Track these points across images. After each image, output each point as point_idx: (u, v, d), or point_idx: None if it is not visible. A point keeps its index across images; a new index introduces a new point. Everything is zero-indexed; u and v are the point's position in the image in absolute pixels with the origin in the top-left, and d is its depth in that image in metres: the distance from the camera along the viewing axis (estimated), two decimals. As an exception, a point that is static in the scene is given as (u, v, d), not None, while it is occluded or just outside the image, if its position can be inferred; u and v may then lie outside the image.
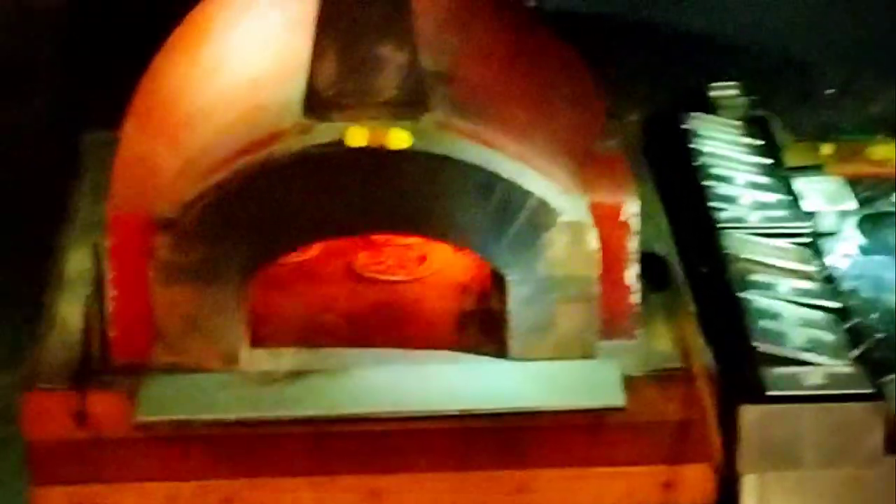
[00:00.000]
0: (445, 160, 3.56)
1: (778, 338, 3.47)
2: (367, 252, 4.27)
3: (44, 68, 5.79)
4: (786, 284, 3.82)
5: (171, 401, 3.39)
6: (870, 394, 3.22)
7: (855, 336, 3.60)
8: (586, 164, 3.91)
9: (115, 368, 3.47)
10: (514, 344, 3.67)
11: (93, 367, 3.43)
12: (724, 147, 4.85)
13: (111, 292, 3.55)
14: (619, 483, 3.32)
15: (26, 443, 3.40)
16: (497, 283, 3.74)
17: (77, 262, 4.03)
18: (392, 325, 3.96)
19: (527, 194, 3.59)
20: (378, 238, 4.20)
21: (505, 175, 3.56)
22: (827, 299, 3.75)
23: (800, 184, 4.56)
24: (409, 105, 3.60)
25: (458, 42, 4.04)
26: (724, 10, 5.39)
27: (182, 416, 3.37)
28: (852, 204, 4.47)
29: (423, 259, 4.22)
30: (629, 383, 3.54)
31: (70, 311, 3.76)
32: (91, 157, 4.59)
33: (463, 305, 4.02)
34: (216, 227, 3.63)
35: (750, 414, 3.42)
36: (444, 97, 3.71)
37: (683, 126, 4.97)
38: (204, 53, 4.30)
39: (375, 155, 3.56)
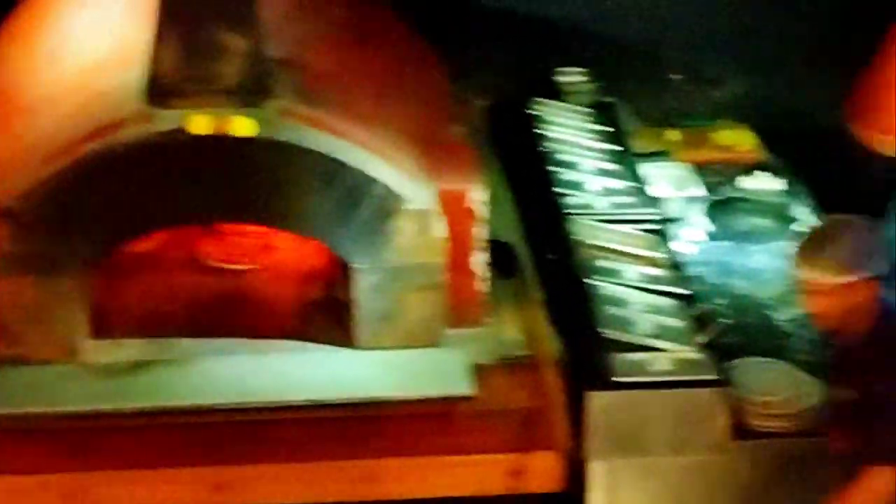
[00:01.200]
0: (289, 148, 3.57)
1: (624, 324, 3.47)
2: (211, 241, 4.23)
3: None
4: (633, 271, 3.81)
5: (10, 394, 3.33)
6: (716, 380, 3.25)
7: (701, 322, 3.64)
8: (433, 151, 3.91)
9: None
10: (360, 333, 3.68)
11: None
12: (571, 133, 4.85)
13: (-51, 284, 3.35)
14: (467, 471, 3.31)
15: None
16: (343, 271, 3.73)
17: None
18: (237, 315, 3.94)
19: (372, 182, 3.61)
20: (222, 227, 4.17)
21: (350, 163, 3.57)
22: (673, 286, 3.76)
23: (647, 170, 4.61)
24: (253, 92, 3.59)
25: (304, 30, 4.03)
26: (571, -3, 5.41)
27: (21, 410, 3.30)
28: (699, 190, 4.54)
29: (268, 248, 4.19)
30: (477, 371, 3.57)
31: None
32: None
33: (309, 295, 4.01)
34: (56, 216, 3.58)
35: (596, 400, 3.41)
36: (288, 84, 3.71)
37: (530, 112, 4.98)
38: (41, 40, 4.22)
39: (219, 143, 3.55)
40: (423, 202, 3.69)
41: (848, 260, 2.92)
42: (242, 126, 3.49)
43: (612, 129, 4.96)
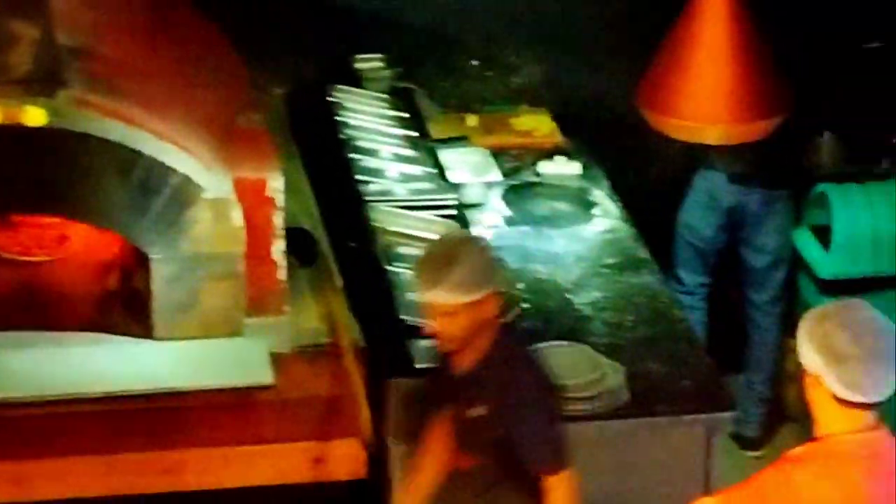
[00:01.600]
0: (83, 138, 3.53)
1: (425, 311, 3.38)
2: (6, 233, 4.14)
3: None
4: (433, 257, 3.72)
5: None
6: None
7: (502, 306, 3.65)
8: (230, 140, 3.93)
9: None
10: (158, 323, 3.68)
11: None
12: (369, 120, 4.92)
13: None
14: (268, 460, 3.34)
15: None
16: (140, 262, 3.71)
17: None
18: (34, 308, 3.88)
19: (169, 171, 3.60)
20: (17, 218, 4.08)
21: (146, 152, 3.56)
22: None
23: (445, 155, 4.67)
24: (44, 82, 3.53)
25: (97, 18, 3.97)
26: (368, -17, 5.37)
27: None
28: (497, 175, 4.61)
29: (63, 238, 4.14)
30: (277, 360, 3.61)
31: None
32: None
33: (106, 286, 3.98)
34: None
35: (397, 387, 3.48)
36: (81, 74, 3.66)
37: (329, 99, 5.01)
38: None
39: (10, 133, 3.49)
40: (219, 191, 3.68)
41: (468, 278, 2.97)
42: (34, 116, 3.42)
43: (410, 115, 5.02)
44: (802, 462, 2.56)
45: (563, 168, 4.70)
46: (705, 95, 3.37)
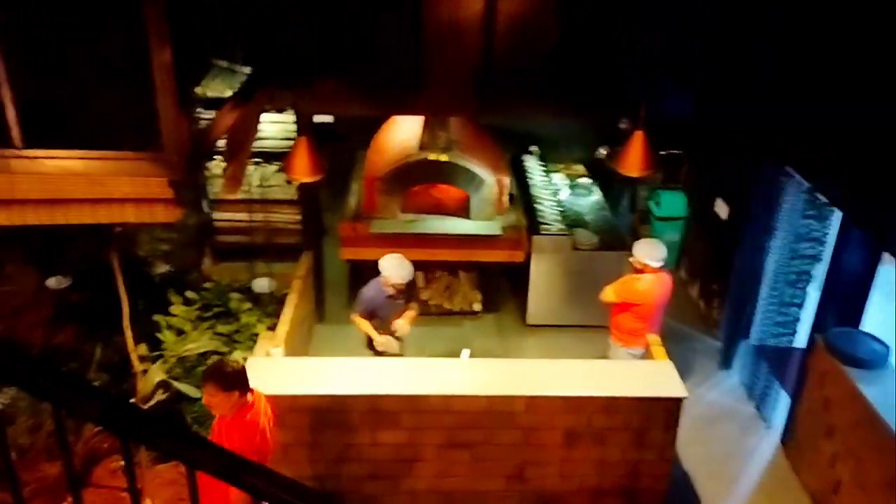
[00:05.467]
0: (455, 165, 10.47)
1: None
2: (424, 198, 11.09)
3: None
4: None
5: None
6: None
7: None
8: (497, 166, 10.92)
9: None
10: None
11: None
12: (532, 169, 13.23)
13: None
14: None
15: None
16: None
17: None
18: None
19: (478, 177, 10.45)
20: (425, 189, 11.01)
21: (472, 169, 10.38)
22: None
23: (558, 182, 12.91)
24: (446, 148, 10.39)
25: (459, 128, 11.04)
26: None
27: None
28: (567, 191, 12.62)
29: (441, 199, 11.20)
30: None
31: None
32: None
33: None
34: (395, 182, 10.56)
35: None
36: (455, 145, 10.63)
37: (521, 160, 13.49)
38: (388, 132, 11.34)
39: (432, 164, 10.35)
40: (492, 182, 10.43)
41: None
42: (442, 157, 10.02)
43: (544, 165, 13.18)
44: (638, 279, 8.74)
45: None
46: (632, 162, 7.83)
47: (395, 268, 8.55)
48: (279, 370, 7.59)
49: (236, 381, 5.83)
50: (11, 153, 5.93)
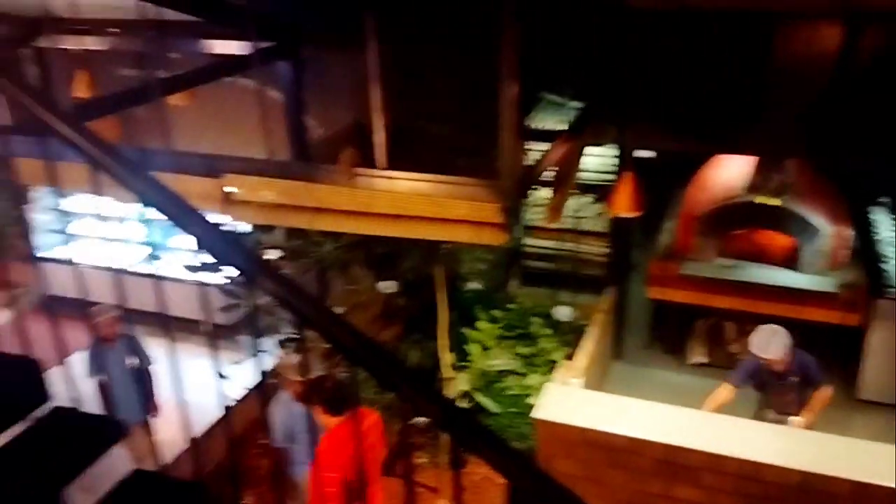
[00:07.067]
0: (789, 210, 9.62)
1: None
2: (748, 241, 10.32)
3: None
4: None
5: None
6: None
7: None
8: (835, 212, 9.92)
9: None
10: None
11: None
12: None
13: None
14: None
15: None
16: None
17: None
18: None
19: (811, 225, 9.58)
20: (745, 232, 10.20)
21: (801, 214, 9.65)
22: None
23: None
24: (777, 191, 9.79)
25: (795, 176, 10.42)
26: None
27: None
28: None
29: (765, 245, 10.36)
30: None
31: None
32: None
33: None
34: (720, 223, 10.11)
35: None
36: (788, 190, 9.71)
37: None
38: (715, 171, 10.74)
39: (763, 207, 9.60)
40: (829, 232, 9.49)
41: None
42: (774, 201, 9.41)
43: None
44: None
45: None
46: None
47: (760, 340, 7.67)
48: (576, 401, 7.58)
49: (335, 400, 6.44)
50: (376, 172, 6.63)
